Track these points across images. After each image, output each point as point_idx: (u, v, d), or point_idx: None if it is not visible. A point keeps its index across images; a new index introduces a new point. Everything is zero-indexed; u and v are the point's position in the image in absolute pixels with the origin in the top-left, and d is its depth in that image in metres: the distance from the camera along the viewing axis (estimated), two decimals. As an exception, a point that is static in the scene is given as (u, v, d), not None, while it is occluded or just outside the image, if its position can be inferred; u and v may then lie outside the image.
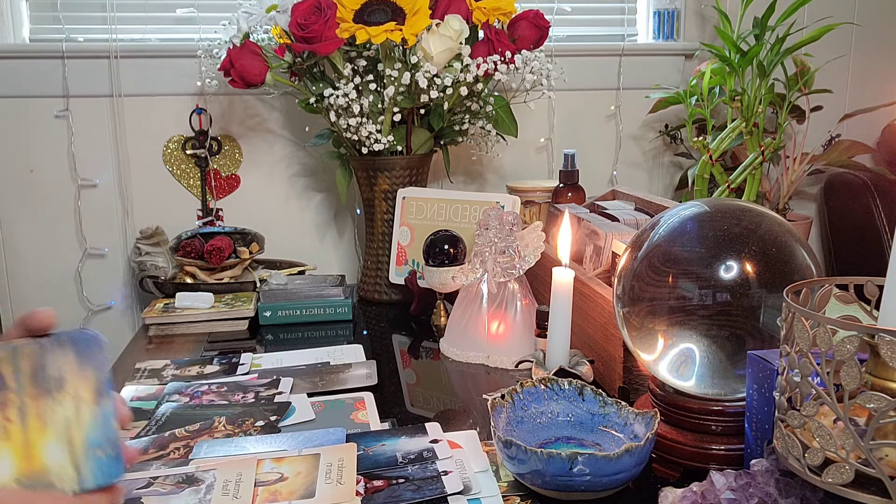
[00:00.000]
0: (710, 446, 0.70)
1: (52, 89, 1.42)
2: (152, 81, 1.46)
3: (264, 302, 1.24)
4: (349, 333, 1.20)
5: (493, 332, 1.03)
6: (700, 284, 0.69)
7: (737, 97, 1.37)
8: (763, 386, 0.63)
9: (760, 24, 1.35)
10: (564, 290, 0.85)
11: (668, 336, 0.70)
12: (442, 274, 1.11)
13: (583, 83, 1.58)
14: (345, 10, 1.19)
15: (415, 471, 0.70)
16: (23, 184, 1.45)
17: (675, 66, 1.62)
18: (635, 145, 1.66)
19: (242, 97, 1.50)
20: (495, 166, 1.61)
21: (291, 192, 1.55)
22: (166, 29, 1.48)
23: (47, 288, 1.49)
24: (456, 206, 1.25)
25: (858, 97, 1.65)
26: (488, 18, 1.28)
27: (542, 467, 0.64)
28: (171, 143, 1.49)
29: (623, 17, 1.64)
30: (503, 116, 1.36)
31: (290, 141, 1.53)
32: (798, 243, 0.70)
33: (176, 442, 0.79)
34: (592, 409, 0.76)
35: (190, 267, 1.33)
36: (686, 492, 0.61)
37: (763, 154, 1.35)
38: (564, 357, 0.85)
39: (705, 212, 0.73)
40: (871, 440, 0.48)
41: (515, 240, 1.02)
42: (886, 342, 0.47)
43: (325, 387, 0.94)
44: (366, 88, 1.24)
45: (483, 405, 0.87)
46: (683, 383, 0.71)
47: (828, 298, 0.60)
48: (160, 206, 1.49)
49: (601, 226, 1.10)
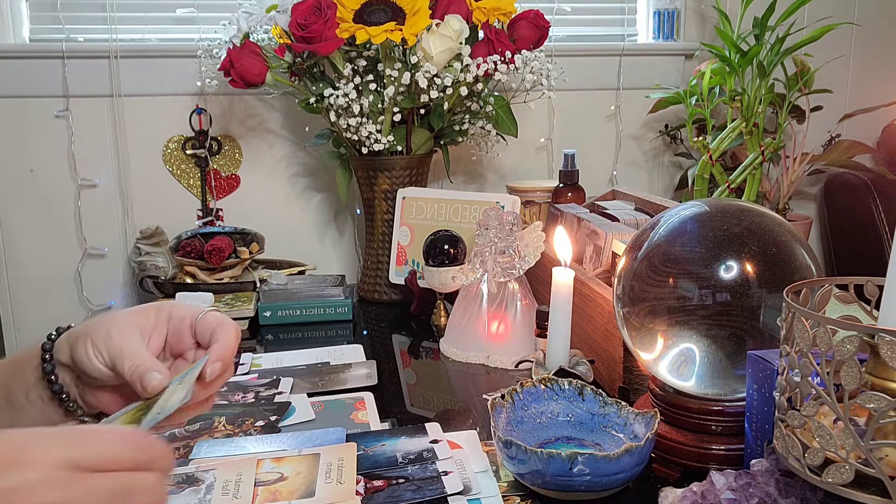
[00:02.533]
0: (710, 446, 0.70)
1: (52, 89, 1.42)
2: (152, 81, 1.46)
3: (264, 302, 1.24)
4: (349, 333, 1.20)
5: (493, 332, 1.03)
6: (700, 284, 0.69)
7: (737, 97, 1.37)
8: (763, 386, 0.63)
9: (760, 24, 1.35)
10: (564, 290, 0.85)
11: (668, 336, 0.70)
12: (442, 274, 1.11)
13: (583, 83, 1.58)
14: (345, 10, 1.19)
15: (415, 471, 0.70)
16: (23, 184, 1.45)
17: (675, 66, 1.62)
18: (635, 145, 1.66)
19: (242, 97, 1.50)
20: (495, 166, 1.61)
21: (291, 192, 1.55)
22: (166, 29, 1.48)
23: (47, 288, 1.49)
24: (456, 206, 1.25)
25: (858, 97, 1.65)
26: (488, 18, 1.28)
27: (542, 467, 0.64)
28: (171, 143, 1.49)
29: (623, 17, 1.64)
30: (503, 116, 1.36)
31: (290, 141, 1.53)
32: (798, 243, 0.70)
33: (176, 442, 0.79)
34: (592, 409, 0.76)
35: (190, 267, 1.33)
36: (686, 492, 0.61)
37: (763, 154, 1.35)
38: (564, 357, 0.85)
39: (705, 212, 0.73)
40: (871, 440, 0.48)
41: (515, 240, 1.02)
42: (886, 342, 0.47)
43: (325, 387, 0.94)
44: (366, 88, 1.24)
45: (483, 405, 0.87)
46: (683, 383, 0.71)
47: (828, 298, 0.60)
48: (160, 206, 1.49)
49: (601, 226, 1.10)
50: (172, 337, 0.59)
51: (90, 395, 0.58)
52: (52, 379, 0.57)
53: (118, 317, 0.57)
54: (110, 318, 0.57)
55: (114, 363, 0.54)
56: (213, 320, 0.57)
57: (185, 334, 0.58)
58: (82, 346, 0.55)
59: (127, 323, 0.56)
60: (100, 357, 0.55)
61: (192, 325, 0.58)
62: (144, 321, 0.58)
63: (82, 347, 0.55)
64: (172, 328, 0.59)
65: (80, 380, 0.57)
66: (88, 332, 0.56)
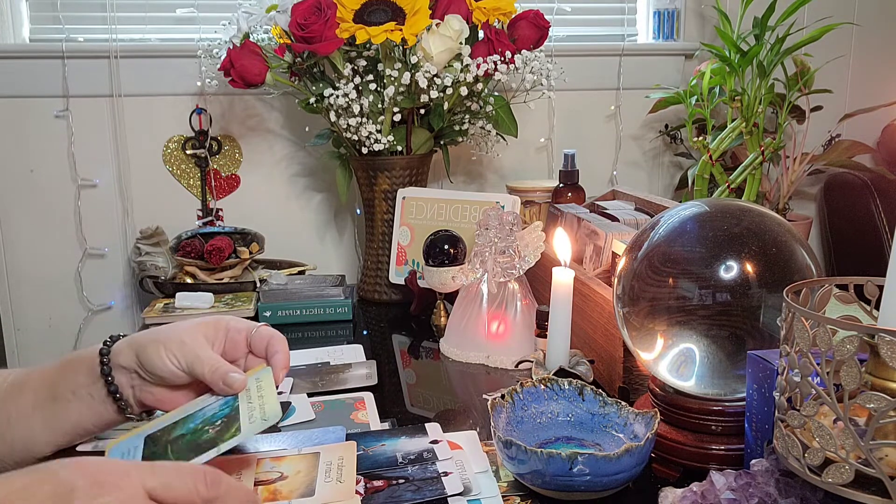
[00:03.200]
0: (710, 446, 0.70)
1: (52, 89, 1.42)
2: (152, 81, 1.46)
3: (264, 302, 1.24)
4: (349, 333, 1.20)
5: (493, 332, 1.03)
6: (700, 284, 0.69)
7: (737, 97, 1.37)
8: (763, 386, 0.63)
9: (760, 24, 1.35)
10: (564, 290, 0.85)
11: (668, 336, 0.70)
12: (442, 274, 1.11)
13: (583, 83, 1.58)
14: (345, 10, 1.19)
15: (415, 471, 0.70)
16: (23, 184, 1.45)
17: (675, 66, 1.63)
18: (635, 145, 1.66)
19: (242, 97, 1.50)
20: (495, 166, 1.61)
21: (291, 192, 1.55)
22: (166, 29, 1.48)
23: (47, 288, 1.49)
24: (456, 206, 1.25)
25: (858, 97, 1.65)
26: (488, 18, 1.28)
27: (542, 467, 0.64)
28: (171, 143, 1.49)
29: (623, 17, 1.64)
30: (503, 116, 1.36)
31: (290, 141, 1.53)
32: (798, 243, 0.70)
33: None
34: (592, 409, 0.76)
35: (190, 267, 1.33)
36: (686, 492, 0.61)
37: (763, 154, 1.35)
38: (564, 357, 0.85)
39: (705, 212, 0.73)
40: (871, 440, 0.48)
41: (515, 240, 1.02)
42: (886, 342, 0.47)
43: (325, 387, 0.94)
44: (366, 88, 1.24)
45: (483, 405, 0.87)
46: (683, 383, 0.71)
47: (828, 298, 0.60)
48: (160, 206, 1.49)
49: (601, 226, 1.10)
50: (230, 346, 0.69)
51: (147, 393, 0.68)
52: (109, 380, 0.66)
53: (186, 327, 0.67)
54: (177, 329, 0.67)
55: (191, 366, 0.64)
56: (267, 333, 0.69)
57: (241, 345, 0.69)
58: (154, 351, 0.65)
59: (196, 332, 0.67)
60: (174, 361, 0.65)
61: (248, 337, 0.69)
62: (207, 331, 0.68)
63: (154, 352, 0.65)
64: (230, 339, 0.69)
65: (142, 379, 0.67)
66: (160, 339, 0.66)
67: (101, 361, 0.67)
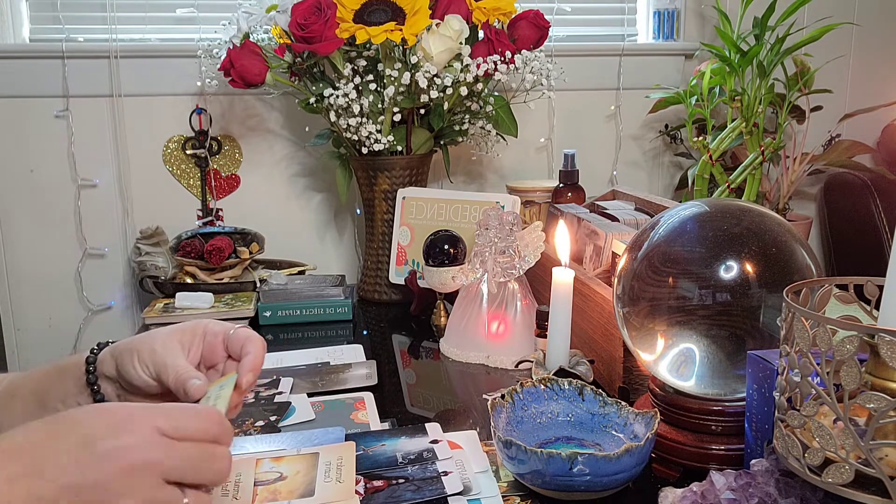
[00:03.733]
0: (710, 446, 0.70)
1: (52, 89, 1.42)
2: (152, 81, 1.46)
3: (264, 302, 1.24)
4: (349, 333, 1.20)
5: (493, 332, 1.03)
6: (700, 284, 0.69)
7: (737, 97, 1.37)
8: (763, 386, 0.63)
9: (760, 24, 1.35)
10: (564, 290, 0.85)
11: (668, 336, 0.70)
12: (442, 274, 1.11)
13: (583, 83, 1.58)
14: (345, 10, 1.19)
15: (415, 471, 0.70)
16: (23, 184, 1.45)
17: (675, 66, 1.62)
18: (635, 145, 1.66)
19: (242, 97, 1.50)
20: (495, 166, 1.61)
21: (291, 192, 1.55)
22: (166, 29, 1.48)
23: (47, 288, 1.49)
24: (456, 206, 1.25)
25: (858, 97, 1.65)
26: (488, 18, 1.28)
27: (542, 467, 0.64)
28: (171, 143, 1.49)
29: (623, 17, 1.64)
30: (503, 116, 1.36)
31: (290, 141, 1.53)
32: (798, 243, 0.70)
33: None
34: (592, 409, 0.76)
35: (190, 267, 1.33)
36: (686, 492, 0.61)
37: (763, 154, 1.35)
38: (564, 357, 0.85)
39: (705, 212, 0.73)
40: (871, 440, 0.48)
41: (515, 240, 1.02)
42: (886, 342, 0.47)
43: (325, 387, 0.94)
44: (366, 88, 1.24)
45: (483, 405, 0.87)
46: (683, 383, 0.71)
47: (828, 298, 0.60)
48: (160, 206, 1.49)
49: (601, 226, 1.10)
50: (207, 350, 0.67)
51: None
52: (96, 389, 0.65)
53: (161, 334, 0.65)
54: (154, 335, 0.65)
55: (159, 374, 0.62)
56: (243, 335, 0.66)
57: (219, 348, 0.67)
58: (129, 360, 0.63)
59: (169, 339, 0.65)
60: (146, 370, 0.63)
61: (225, 340, 0.66)
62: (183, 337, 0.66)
63: (129, 361, 0.63)
64: (207, 343, 0.67)
65: (124, 389, 0.65)
66: (134, 348, 0.64)
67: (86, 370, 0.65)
